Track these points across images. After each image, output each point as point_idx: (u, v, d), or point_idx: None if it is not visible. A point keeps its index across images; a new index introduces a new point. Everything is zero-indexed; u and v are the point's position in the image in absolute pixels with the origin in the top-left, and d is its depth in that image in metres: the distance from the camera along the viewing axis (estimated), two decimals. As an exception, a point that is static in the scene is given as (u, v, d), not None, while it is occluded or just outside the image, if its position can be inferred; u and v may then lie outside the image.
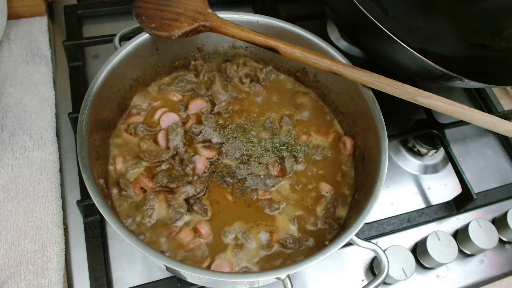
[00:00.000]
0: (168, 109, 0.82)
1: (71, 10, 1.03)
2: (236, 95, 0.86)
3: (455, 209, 0.89)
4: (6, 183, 0.80)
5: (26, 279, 0.72)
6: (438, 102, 0.71)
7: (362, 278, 0.81)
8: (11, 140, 0.85)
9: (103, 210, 0.59)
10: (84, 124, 0.66)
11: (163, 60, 0.84)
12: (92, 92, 0.69)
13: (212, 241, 0.71)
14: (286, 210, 0.75)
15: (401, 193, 0.92)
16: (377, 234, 0.84)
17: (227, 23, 0.76)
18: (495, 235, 0.84)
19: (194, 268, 0.57)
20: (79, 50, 0.96)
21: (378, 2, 1.08)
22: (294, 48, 0.74)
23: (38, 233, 0.76)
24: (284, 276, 0.58)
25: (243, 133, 0.81)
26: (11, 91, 0.91)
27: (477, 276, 0.85)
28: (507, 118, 0.83)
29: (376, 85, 0.74)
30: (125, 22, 1.06)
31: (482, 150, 1.02)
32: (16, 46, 0.97)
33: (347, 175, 0.80)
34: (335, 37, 1.11)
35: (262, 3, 1.12)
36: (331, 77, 0.82)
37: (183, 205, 0.72)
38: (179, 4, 0.77)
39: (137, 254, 0.77)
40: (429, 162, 0.97)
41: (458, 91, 1.12)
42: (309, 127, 0.85)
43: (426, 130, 0.95)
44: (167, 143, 0.78)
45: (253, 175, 0.76)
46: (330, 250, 0.60)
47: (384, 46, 0.78)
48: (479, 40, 1.01)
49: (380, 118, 0.73)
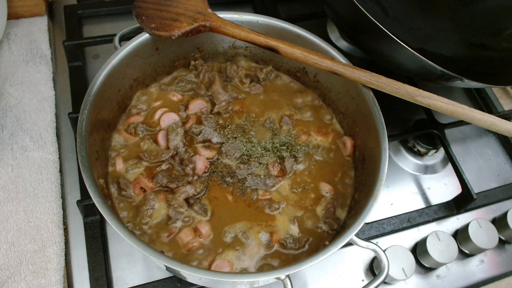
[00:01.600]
0: (168, 109, 0.82)
1: (71, 10, 1.03)
2: (236, 95, 0.86)
3: (455, 209, 0.89)
4: (6, 183, 0.80)
5: (26, 279, 0.72)
6: (438, 102, 0.71)
7: (362, 278, 0.81)
8: (11, 140, 0.85)
9: (103, 210, 0.59)
10: (84, 124, 0.66)
11: (163, 60, 0.84)
12: (92, 92, 0.69)
13: (212, 241, 0.71)
14: (286, 210, 0.75)
15: (401, 193, 0.92)
16: (377, 234, 0.84)
17: (227, 23, 0.76)
18: (495, 235, 0.84)
19: (194, 268, 0.57)
20: (79, 50, 0.96)
21: (378, 2, 1.08)
22: (294, 48, 0.74)
23: (38, 233, 0.76)
24: (284, 276, 0.58)
25: (243, 133, 0.81)
26: (11, 91, 0.91)
27: (477, 276, 0.85)
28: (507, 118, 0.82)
29: (376, 85, 0.74)
30: (125, 22, 1.06)
31: (482, 150, 1.02)
32: (16, 46, 0.97)
33: (347, 175, 0.80)
34: (335, 37, 1.11)
35: (262, 3, 1.12)
36: (331, 77, 0.82)
37: (183, 205, 0.72)
38: (179, 4, 0.77)
39: (137, 254, 0.77)
40: (429, 162, 0.97)
41: (458, 91, 1.12)
42: (309, 127, 0.85)
43: (426, 130, 0.95)
44: (167, 143, 0.78)
45: (253, 175, 0.76)
46: (330, 250, 0.60)
47: (384, 46, 0.78)
48: (479, 40, 1.01)
49: (380, 118, 0.73)
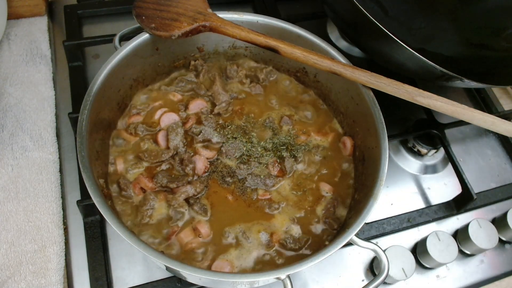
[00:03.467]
0: (168, 109, 0.82)
1: (71, 10, 1.03)
2: (236, 95, 0.86)
3: (455, 209, 0.89)
4: (6, 183, 0.80)
5: (26, 279, 0.72)
6: (438, 102, 0.71)
7: (362, 278, 0.81)
8: (11, 140, 0.85)
9: (103, 210, 0.59)
10: (84, 124, 0.66)
11: (163, 60, 0.84)
12: (92, 92, 0.69)
13: (213, 241, 0.71)
14: (286, 210, 0.75)
15: (401, 193, 0.92)
16: (377, 234, 0.84)
17: (227, 23, 0.76)
18: (495, 235, 0.84)
19: (194, 268, 0.57)
20: (79, 50, 0.96)
21: (378, 2, 1.08)
22: (294, 48, 0.74)
23: (38, 233, 0.76)
24: (284, 276, 0.58)
25: (243, 133, 0.81)
26: (11, 91, 0.91)
27: (477, 276, 0.85)
28: (507, 118, 0.83)
29: (376, 85, 0.74)
30: (125, 22, 1.06)
31: (482, 150, 1.02)
32: (16, 46, 0.97)
33: (347, 175, 0.80)
34: (335, 37, 1.11)
35: (262, 3, 1.12)
36: (331, 77, 0.82)
37: (183, 205, 0.72)
38: (179, 4, 0.77)
39: (137, 254, 0.77)
40: (429, 162, 0.97)
41: (458, 91, 1.12)
42: (309, 127, 0.85)
43: (426, 130, 0.95)
44: (167, 143, 0.78)
45: (253, 175, 0.76)
46: (330, 250, 0.60)
47: (384, 46, 0.78)
48: (479, 40, 1.01)
49: (380, 118, 0.73)
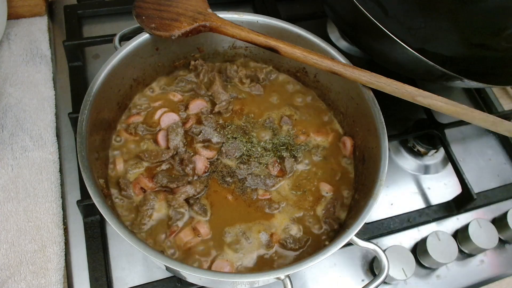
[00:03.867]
0: (168, 109, 0.82)
1: (71, 10, 1.03)
2: (236, 95, 0.86)
3: (455, 209, 0.89)
4: (6, 183, 0.80)
5: (26, 279, 0.72)
6: (438, 102, 0.71)
7: (362, 278, 0.81)
8: (11, 140, 0.85)
9: (103, 210, 0.59)
10: (84, 124, 0.66)
11: (163, 60, 0.84)
12: (92, 92, 0.69)
13: (213, 241, 0.71)
14: (286, 210, 0.75)
15: (401, 193, 0.92)
16: (377, 234, 0.84)
17: (227, 23, 0.76)
18: (495, 235, 0.84)
19: (194, 268, 0.57)
20: (79, 50, 0.96)
21: (378, 2, 1.08)
22: (294, 48, 0.74)
23: (38, 233, 0.76)
24: (284, 276, 0.58)
25: (243, 133, 0.81)
26: (11, 91, 0.91)
27: (477, 276, 0.85)
28: (507, 118, 0.83)
29: (376, 85, 0.74)
30: (125, 22, 1.06)
31: (482, 150, 1.02)
32: (16, 46, 0.97)
33: (347, 175, 0.80)
34: (335, 37, 1.11)
35: (262, 3, 1.12)
36: (331, 77, 0.82)
37: (183, 205, 0.72)
38: (179, 4, 0.77)
39: (137, 254, 0.77)
40: (429, 162, 0.97)
41: (458, 91, 1.12)
42: (309, 127, 0.85)
43: (426, 130, 0.95)
44: (167, 143, 0.78)
45: (253, 175, 0.76)
46: (330, 250, 0.60)
47: (384, 46, 0.78)
48: (479, 40, 1.01)
49: (380, 118, 0.73)
